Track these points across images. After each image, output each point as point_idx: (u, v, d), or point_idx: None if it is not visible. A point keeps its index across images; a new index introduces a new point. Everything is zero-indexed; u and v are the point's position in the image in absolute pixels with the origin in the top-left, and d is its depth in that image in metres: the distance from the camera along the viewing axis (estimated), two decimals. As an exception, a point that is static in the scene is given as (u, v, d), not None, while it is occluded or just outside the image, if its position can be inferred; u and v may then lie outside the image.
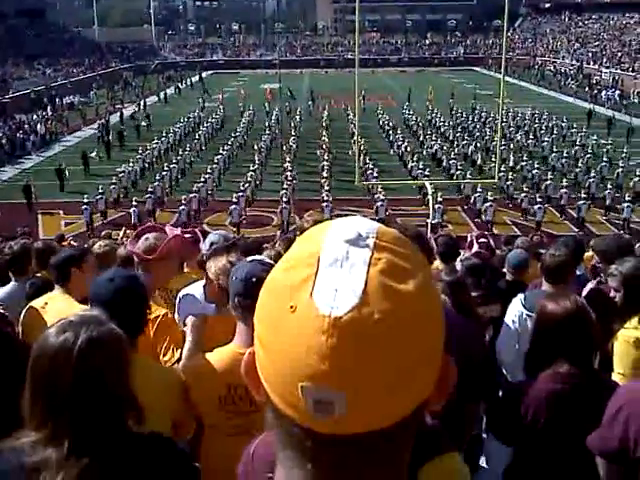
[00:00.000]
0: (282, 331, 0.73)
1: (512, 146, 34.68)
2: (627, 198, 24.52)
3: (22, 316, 3.80)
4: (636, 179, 27.22)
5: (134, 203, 24.80)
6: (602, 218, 25.28)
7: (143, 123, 43.94)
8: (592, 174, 28.24)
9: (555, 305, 2.76)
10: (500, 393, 3.21)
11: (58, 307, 3.66)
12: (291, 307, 0.72)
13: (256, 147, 34.50)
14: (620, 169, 28.63)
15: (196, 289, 3.85)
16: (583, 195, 25.14)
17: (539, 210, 24.14)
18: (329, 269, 0.73)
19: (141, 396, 1.83)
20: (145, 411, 1.84)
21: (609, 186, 26.11)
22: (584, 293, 4.37)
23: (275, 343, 0.74)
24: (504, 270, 6.00)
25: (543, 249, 7.47)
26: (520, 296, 4.29)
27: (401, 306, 0.72)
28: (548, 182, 27.36)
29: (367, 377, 0.71)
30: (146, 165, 32.67)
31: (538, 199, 25.00)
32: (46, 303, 3.81)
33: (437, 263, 5.49)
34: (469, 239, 7.36)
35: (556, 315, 2.73)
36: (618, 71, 64.84)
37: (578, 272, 5.42)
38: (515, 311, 4.19)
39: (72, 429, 1.64)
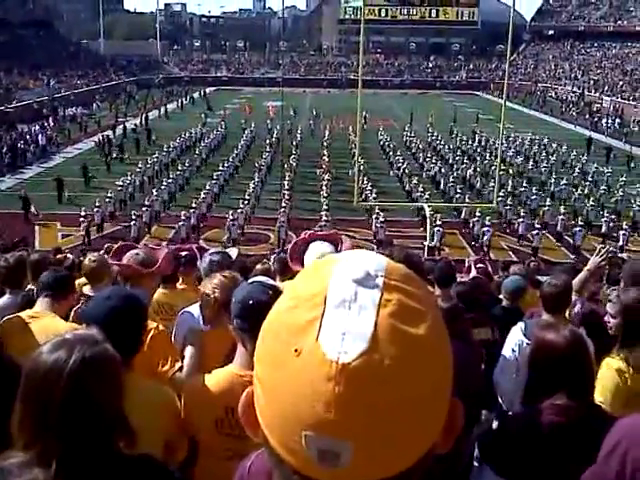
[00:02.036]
0: (285, 376, 0.69)
1: (511, 171, 34.80)
2: (624, 226, 24.61)
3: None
4: (636, 208, 27.32)
5: (133, 217, 24.78)
6: (598, 245, 25.28)
7: (143, 137, 44.15)
8: (590, 201, 28.34)
9: (552, 335, 2.74)
10: (495, 423, 3.18)
11: (44, 324, 3.55)
12: (295, 350, 0.69)
13: (256, 164, 34.61)
14: (618, 197, 28.76)
15: (195, 308, 3.87)
16: (580, 222, 25.20)
17: (536, 236, 24.17)
18: (336, 311, 0.70)
19: (132, 415, 1.80)
20: (136, 431, 1.81)
21: (606, 214, 26.18)
22: (575, 310, 4.37)
23: (277, 388, 0.71)
24: (500, 296, 5.98)
25: (540, 275, 7.48)
26: (520, 325, 4.26)
27: (412, 351, 0.69)
28: (546, 208, 27.43)
29: (376, 426, 0.67)
30: (145, 179, 32.67)
31: (536, 225, 25.06)
32: (29, 322, 3.63)
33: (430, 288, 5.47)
34: (467, 264, 7.36)
35: (553, 345, 2.71)
36: (619, 100, 65.29)
37: (574, 297, 5.41)
38: (515, 339, 4.16)
39: (60, 450, 1.61)
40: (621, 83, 70.90)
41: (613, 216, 26.39)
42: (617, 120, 55.80)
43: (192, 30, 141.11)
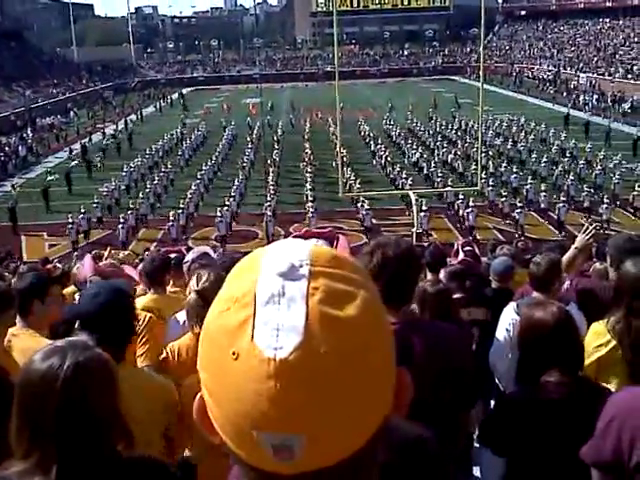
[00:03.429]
0: (228, 380, 0.69)
1: (491, 152, 34.94)
2: (606, 200, 24.78)
3: None
4: (615, 181, 27.51)
5: (121, 221, 24.66)
6: (583, 220, 25.45)
7: (124, 142, 43.89)
8: (571, 177, 28.51)
9: (540, 313, 2.76)
10: (492, 403, 3.20)
11: (24, 346, 3.19)
12: (233, 354, 0.69)
13: (239, 162, 34.51)
14: (598, 171, 28.99)
15: (182, 315, 3.82)
16: (562, 198, 25.36)
17: (520, 214, 24.32)
18: (266, 308, 0.69)
19: (128, 407, 1.80)
20: (133, 423, 1.81)
21: (586, 188, 26.41)
22: (565, 286, 4.40)
23: (222, 393, 0.71)
24: (490, 278, 6.00)
25: (528, 255, 7.51)
26: (513, 304, 4.27)
27: (346, 334, 0.69)
28: (528, 186, 27.58)
29: (325, 414, 0.68)
30: (131, 184, 32.51)
31: (518, 204, 25.19)
32: (10, 340, 3.36)
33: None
34: (455, 247, 7.38)
35: (541, 323, 2.72)
36: (595, 75, 65.58)
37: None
38: (509, 319, 4.16)
39: (59, 456, 1.61)
40: (596, 59, 71.22)
41: (593, 190, 26.61)
42: (595, 96, 56.03)
43: (165, 32, 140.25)
